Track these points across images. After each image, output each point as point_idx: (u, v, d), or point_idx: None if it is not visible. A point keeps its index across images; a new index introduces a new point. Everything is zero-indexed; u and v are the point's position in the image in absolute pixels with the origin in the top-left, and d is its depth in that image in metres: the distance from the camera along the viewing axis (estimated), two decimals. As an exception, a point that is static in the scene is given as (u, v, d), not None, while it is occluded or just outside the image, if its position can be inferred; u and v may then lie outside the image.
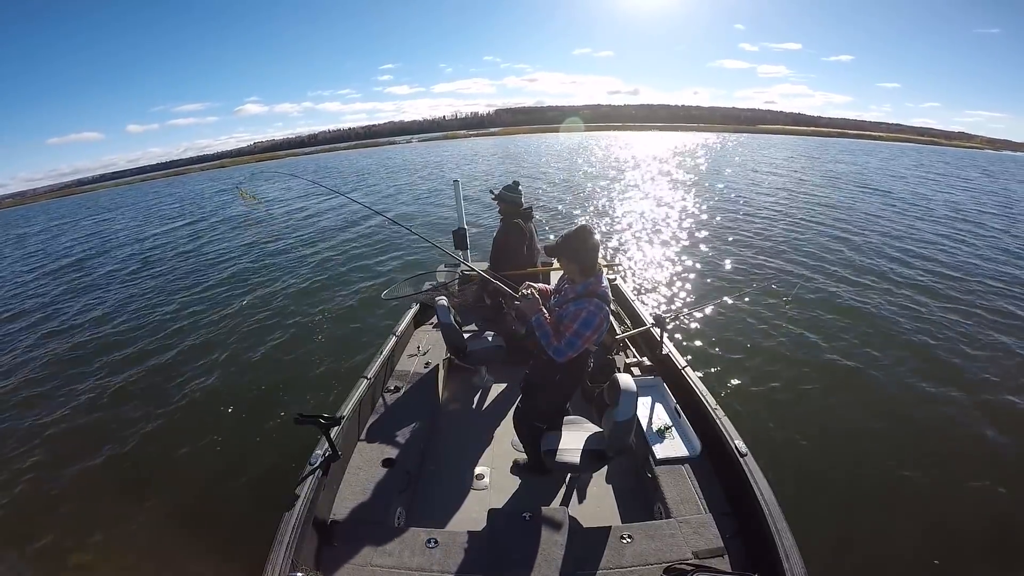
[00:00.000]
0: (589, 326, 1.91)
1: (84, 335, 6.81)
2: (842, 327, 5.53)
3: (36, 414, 4.71)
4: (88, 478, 3.65)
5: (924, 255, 8.52)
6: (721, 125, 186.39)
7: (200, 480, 3.43)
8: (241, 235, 12.96)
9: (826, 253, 8.56)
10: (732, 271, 7.63)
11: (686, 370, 2.87)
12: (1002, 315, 5.88)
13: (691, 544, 1.93)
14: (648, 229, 10.45)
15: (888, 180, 20.46)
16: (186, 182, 48.86)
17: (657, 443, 2.51)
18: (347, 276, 8.23)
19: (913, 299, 6.38)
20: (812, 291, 6.64)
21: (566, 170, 24.02)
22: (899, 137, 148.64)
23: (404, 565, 1.90)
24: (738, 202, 13.73)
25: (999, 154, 67.96)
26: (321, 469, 2.15)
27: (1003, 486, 3.09)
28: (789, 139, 73.26)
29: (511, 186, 3.72)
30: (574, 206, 13.60)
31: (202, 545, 2.52)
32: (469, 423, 3.09)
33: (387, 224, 11.12)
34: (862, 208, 13.09)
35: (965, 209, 13.49)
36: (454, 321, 3.16)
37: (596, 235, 1.97)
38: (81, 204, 40.77)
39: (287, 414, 4.09)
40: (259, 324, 6.39)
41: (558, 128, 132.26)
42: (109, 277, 10.20)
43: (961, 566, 2.64)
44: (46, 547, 3.02)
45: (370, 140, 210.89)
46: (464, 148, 54.42)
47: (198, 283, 8.80)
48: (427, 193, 18.01)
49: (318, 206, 15.74)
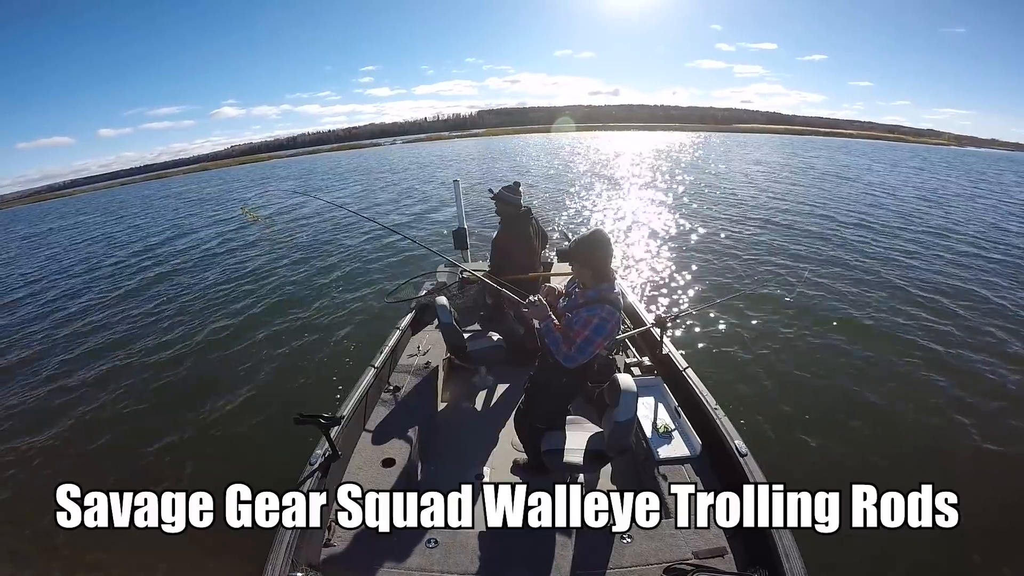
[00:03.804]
0: (601, 332, 1.88)
1: (84, 335, 6.82)
2: (842, 326, 5.53)
3: (35, 413, 4.72)
4: (86, 476, 3.68)
5: (922, 256, 8.53)
6: (700, 125, 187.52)
7: (200, 480, 3.44)
8: (241, 236, 12.95)
9: (826, 253, 8.57)
10: (732, 271, 7.63)
11: (686, 370, 2.87)
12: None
13: (691, 544, 1.92)
14: (647, 229, 10.46)
15: (874, 177, 20.61)
16: (171, 185, 48.84)
17: (657, 443, 2.51)
18: (347, 276, 8.23)
19: (913, 299, 6.38)
20: (812, 291, 6.63)
21: (554, 169, 24.05)
22: (871, 135, 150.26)
23: (404, 565, 1.90)
24: (735, 202, 13.75)
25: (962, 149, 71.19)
26: (321, 469, 2.15)
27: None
28: (769, 138, 74.71)
29: (511, 186, 3.54)
30: (569, 207, 13.60)
31: (202, 545, 2.52)
32: (469, 423, 3.09)
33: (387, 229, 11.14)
34: (860, 208, 13.12)
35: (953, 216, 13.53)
36: (454, 321, 3.15)
37: (610, 240, 1.93)
38: (54, 209, 40.55)
39: (287, 414, 4.09)
40: (259, 324, 6.39)
41: (549, 129, 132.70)
42: (103, 278, 10.20)
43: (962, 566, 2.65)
44: (46, 545, 3.04)
45: (352, 143, 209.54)
46: (451, 149, 54.79)
47: (197, 283, 8.80)
48: (428, 193, 18.04)
49: (316, 210, 15.74)
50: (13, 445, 4.20)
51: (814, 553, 1.81)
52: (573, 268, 2.02)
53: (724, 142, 53.15)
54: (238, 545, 2.39)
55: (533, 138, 73.64)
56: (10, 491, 3.67)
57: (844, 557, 2.52)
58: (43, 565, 2.98)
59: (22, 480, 3.78)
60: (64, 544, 2.99)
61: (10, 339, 7.00)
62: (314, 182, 24.01)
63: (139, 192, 43.97)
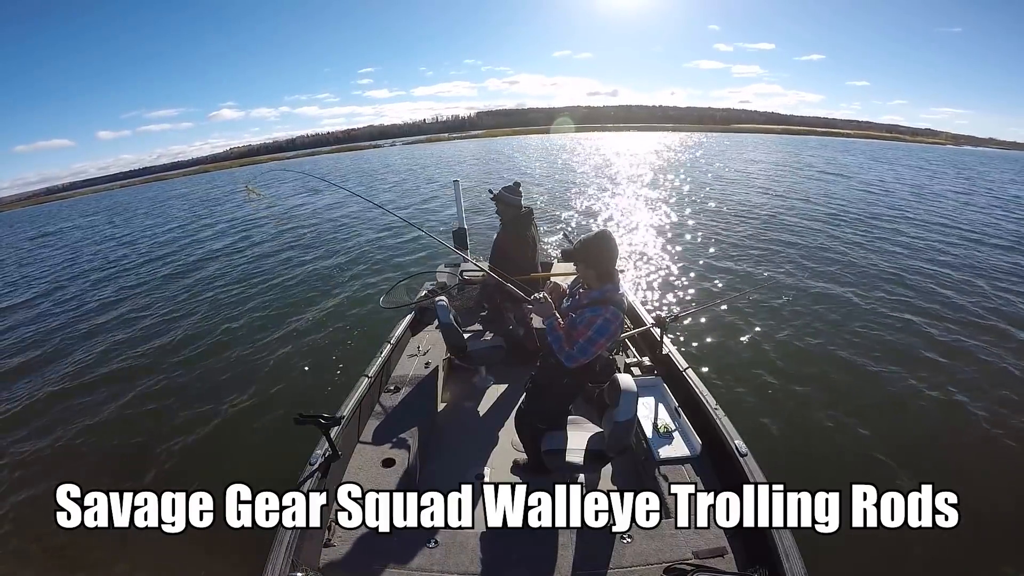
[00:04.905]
0: (604, 333, 1.88)
1: (84, 335, 6.82)
2: (842, 326, 5.53)
3: (35, 413, 4.72)
4: (86, 476, 3.68)
5: (922, 255, 8.53)
6: (698, 125, 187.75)
7: (200, 480, 3.44)
8: (242, 238, 12.95)
9: (825, 253, 8.57)
10: (732, 271, 7.63)
11: (686, 370, 2.87)
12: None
13: (691, 544, 1.92)
14: (647, 229, 10.47)
15: (874, 178, 20.59)
16: (175, 186, 48.89)
17: (657, 443, 2.51)
18: (347, 277, 8.23)
19: (913, 299, 6.38)
20: (812, 291, 6.64)
21: (554, 170, 24.04)
22: (868, 134, 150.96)
23: (404, 565, 1.90)
24: (735, 202, 13.74)
25: (960, 148, 71.78)
26: (321, 469, 2.15)
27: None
28: (768, 138, 75.06)
29: (512, 187, 3.49)
30: (570, 207, 13.60)
31: (202, 545, 2.52)
32: (469, 423, 3.09)
33: (391, 225, 11.15)
34: (858, 207, 13.12)
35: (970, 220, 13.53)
36: (454, 321, 3.15)
37: (615, 241, 1.92)
38: (57, 212, 40.49)
39: (287, 414, 4.09)
40: (259, 325, 6.40)
41: (548, 130, 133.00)
42: (102, 281, 10.21)
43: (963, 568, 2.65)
44: (46, 545, 3.04)
45: (351, 144, 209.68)
46: (450, 150, 54.92)
47: (197, 284, 8.81)
48: (428, 193, 18.05)
49: (318, 205, 15.74)
50: (13, 445, 4.20)
51: (814, 553, 1.81)
52: (578, 268, 2.02)
53: (723, 142, 53.30)
54: (238, 545, 2.38)
55: (532, 139, 73.84)
56: (10, 491, 3.67)
57: (844, 557, 2.52)
58: (43, 565, 2.98)
59: (22, 480, 3.78)
60: (64, 544, 2.99)
61: (11, 339, 7.01)
62: (314, 182, 23.98)
63: (142, 194, 44.05)
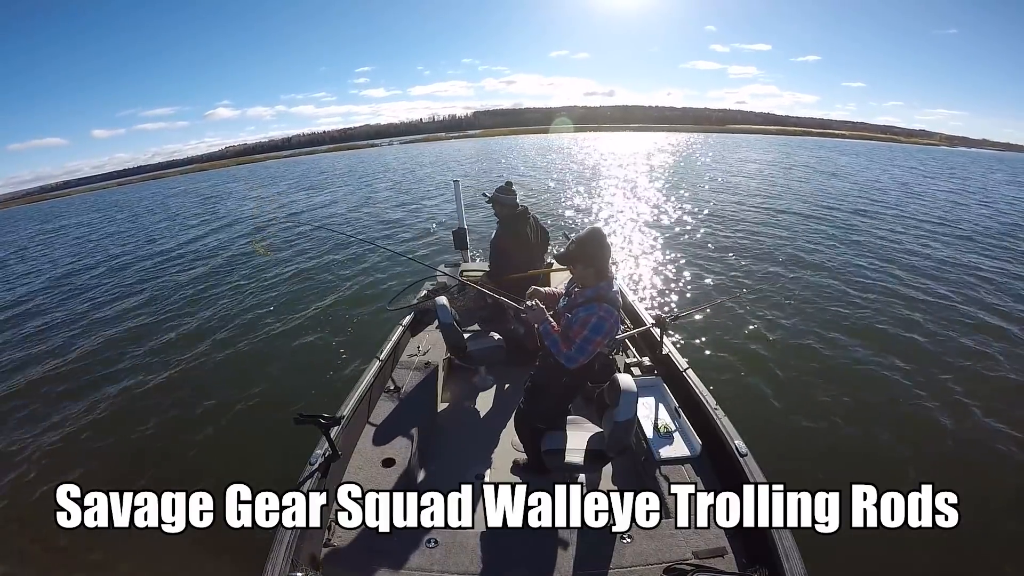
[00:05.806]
0: (599, 331, 1.87)
1: (83, 336, 6.81)
2: (842, 325, 5.54)
3: (35, 414, 4.71)
4: (86, 476, 3.68)
5: (922, 255, 8.53)
6: (695, 126, 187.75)
7: (200, 480, 3.43)
8: (242, 238, 12.94)
9: (826, 253, 8.58)
10: (732, 271, 7.63)
11: (686, 370, 2.87)
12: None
13: (691, 544, 1.92)
14: (647, 229, 10.46)
15: (870, 181, 20.61)
16: (172, 184, 48.90)
17: (657, 443, 2.50)
18: (348, 277, 8.22)
19: (914, 298, 6.38)
20: (812, 290, 6.64)
21: (552, 171, 24.03)
22: (864, 135, 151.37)
23: (404, 565, 1.90)
24: (734, 202, 13.75)
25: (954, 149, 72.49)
26: (321, 469, 2.15)
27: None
28: (764, 139, 75.52)
29: (504, 187, 3.50)
30: (570, 207, 13.59)
31: (202, 545, 2.52)
32: (469, 423, 3.09)
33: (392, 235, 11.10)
34: (860, 207, 13.12)
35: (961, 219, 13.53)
36: (454, 321, 3.15)
37: (606, 237, 1.92)
38: (54, 210, 40.49)
39: (287, 414, 4.09)
40: (259, 325, 6.40)
41: (547, 130, 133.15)
42: (104, 277, 10.20)
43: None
44: (46, 545, 3.04)
45: (348, 143, 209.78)
46: (448, 150, 55.02)
47: (197, 285, 8.80)
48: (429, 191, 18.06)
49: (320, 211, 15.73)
50: (14, 445, 4.20)
51: (814, 553, 1.81)
52: (571, 269, 2.01)
53: (720, 143, 53.39)
54: (238, 545, 2.38)
55: (530, 139, 73.96)
56: (11, 491, 3.67)
57: (844, 557, 2.52)
58: (43, 565, 2.98)
59: (22, 480, 3.78)
60: (64, 544, 2.99)
61: (11, 339, 7.00)
62: (312, 180, 24.05)
63: (137, 193, 43.98)
